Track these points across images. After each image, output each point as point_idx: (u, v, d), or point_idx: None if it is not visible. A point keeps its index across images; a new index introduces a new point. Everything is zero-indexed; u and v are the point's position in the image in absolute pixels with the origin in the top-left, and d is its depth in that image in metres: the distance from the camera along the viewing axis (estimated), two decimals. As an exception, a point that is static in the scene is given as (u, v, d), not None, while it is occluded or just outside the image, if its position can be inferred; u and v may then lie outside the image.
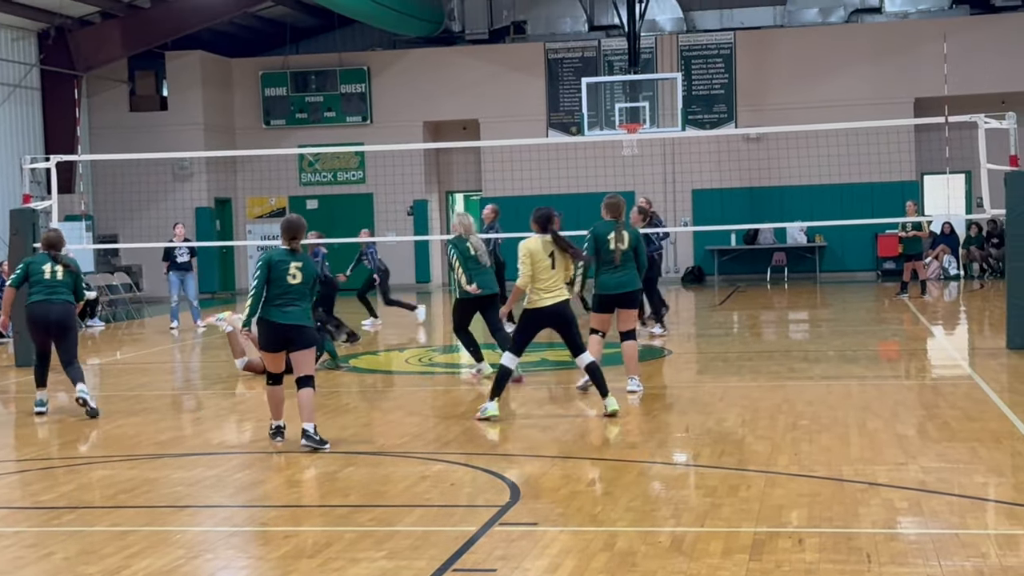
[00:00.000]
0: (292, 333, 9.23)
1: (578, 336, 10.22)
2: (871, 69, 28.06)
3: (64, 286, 11.27)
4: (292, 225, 9.34)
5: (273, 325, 9.22)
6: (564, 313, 10.08)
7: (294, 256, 9.29)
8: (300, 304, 9.26)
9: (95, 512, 7.48)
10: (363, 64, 30.04)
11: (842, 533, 6.43)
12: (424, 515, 7.15)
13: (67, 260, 11.45)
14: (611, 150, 26.99)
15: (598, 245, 11.24)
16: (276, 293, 9.20)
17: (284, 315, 9.20)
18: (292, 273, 9.22)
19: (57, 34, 26.69)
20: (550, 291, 10.05)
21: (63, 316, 11.22)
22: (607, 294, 11.26)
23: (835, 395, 11.32)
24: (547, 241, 10.12)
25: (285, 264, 9.22)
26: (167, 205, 28.15)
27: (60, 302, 11.22)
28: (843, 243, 28.42)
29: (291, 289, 9.21)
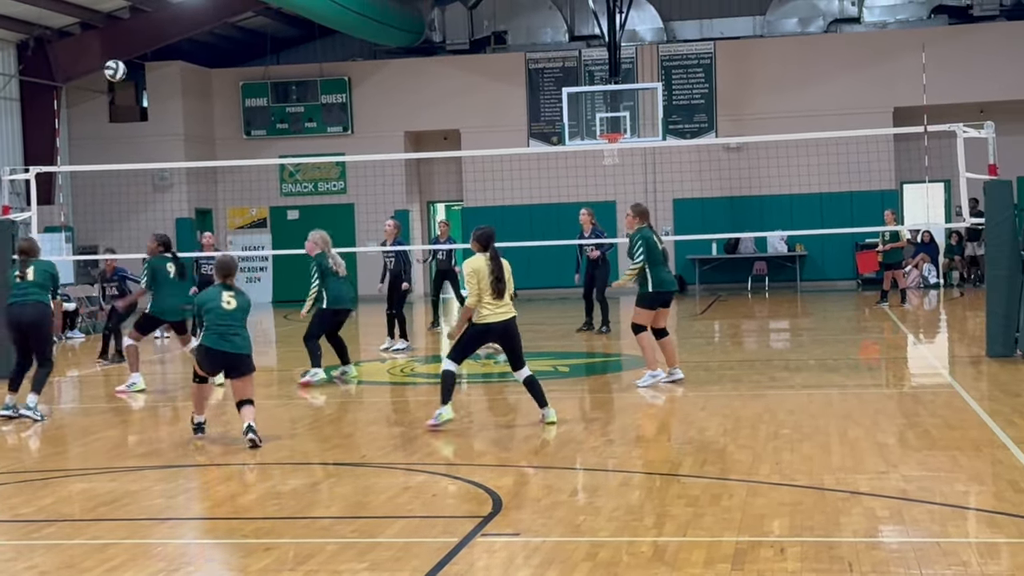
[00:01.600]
0: (233, 360, 9.95)
1: (520, 351, 10.37)
2: (850, 79, 28.18)
3: (36, 287, 11.50)
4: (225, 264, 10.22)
5: (213, 352, 9.94)
6: (510, 330, 10.26)
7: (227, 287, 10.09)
8: (241, 333, 9.98)
9: (75, 525, 7.43)
10: (344, 74, 30.03)
11: (824, 542, 6.44)
12: (406, 526, 7.13)
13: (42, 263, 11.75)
14: (592, 160, 27.03)
15: (649, 247, 12.23)
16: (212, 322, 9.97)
17: (227, 343, 9.92)
18: (226, 300, 9.96)
19: (36, 45, 26.60)
20: (499, 307, 10.18)
21: (36, 317, 11.46)
22: (665, 291, 12.43)
23: (816, 404, 11.34)
24: (491, 259, 10.23)
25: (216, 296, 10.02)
26: (147, 216, 28.04)
27: (32, 303, 11.47)
28: (823, 252, 28.51)
29: (228, 315, 9.94)
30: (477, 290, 10.16)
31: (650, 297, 12.53)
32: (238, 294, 10.07)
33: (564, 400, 12.13)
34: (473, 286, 10.18)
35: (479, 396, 13.17)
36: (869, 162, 26.63)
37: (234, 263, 10.34)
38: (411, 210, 30.28)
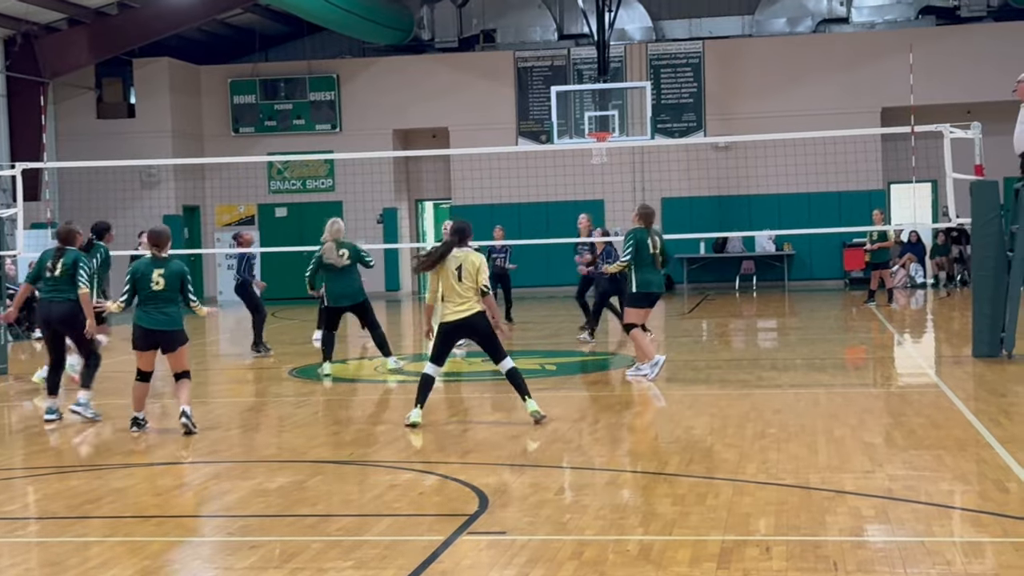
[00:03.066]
0: (159, 337, 10.21)
1: (497, 343, 10.34)
2: (838, 79, 28.24)
3: (63, 282, 11.05)
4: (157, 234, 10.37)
5: (141, 329, 10.20)
6: (475, 324, 10.22)
7: (157, 263, 10.20)
8: (167, 310, 10.19)
9: (59, 523, 7.41)
10: (332, 72, 29.99)
11: (809, 541, 6.45)
12: (392, 524, 7.12)
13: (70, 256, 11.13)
14: (580, 158, 27.04)
15: (639, 248, 12.70)
16: (143, 298, 10.17)
17: (151, 320, 10.16)
18: (155, 280, 10.10)
19: (23, 40, 26.51)
20: (460, 305, 10.14)
21: (65, 315, 11.07)
22: (649, 292, 12.81)
23: (803, 403, 11.36)
24: (458, 255, 10.16)
25: (148, 271, 10.15)
26: (135, 213, 27.97)
27: (62, 300, 11.07)
28: (811, 252, 28.58)
29: (157, 295, 10.12)
30: (435, 288, 10.22)
31: (635, 297, 12.98)
32: (168, 265, 10.23)
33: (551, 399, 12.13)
34: (432, 283, 10.26)
35: (466, 394, 13.17)
36: (857, 162, 26.69)
37: (167, 232, 10.50)
38: (399, 208, 30.27)
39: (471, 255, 10.20)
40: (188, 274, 10.40)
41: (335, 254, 14.13)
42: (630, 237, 12.90)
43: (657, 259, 12.90)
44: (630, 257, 12.85)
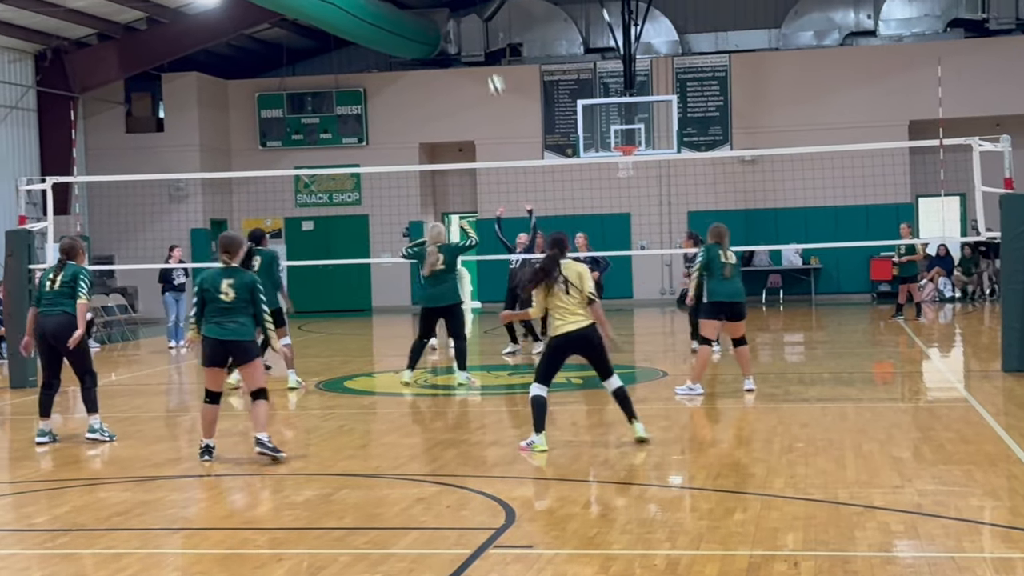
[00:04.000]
0: (231, 348, 9.52)
1: (607, 360, 9.94)
2: (866, 92, 28.15)
3: (62, 295, 10.78)
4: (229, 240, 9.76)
5: (211, 341, 9.55)
6: (590, 337, 9.77)
7: (226, 273, 9.63)
8: (238, 319, 9.54)
9: (89, 535, 7.45)
10: (359, 86, 30.10)
11: (838, 556, 6.41)
12: (419, 538, 7.13)
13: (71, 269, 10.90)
14: (607, 172, 27.02)
15: (708, 261, 12.91)
16: (211, 311, 9.57)
17: (222, 330, 9.52)
18: (224, 291, 9.53)
19: (54, 56, 26.73)
20: (572, 317, 9.75)
21: (59, 328, 10.74)
22: (720, 301, 12.80)
23: (830, 417, 11.31)
24: (564, 266, 9.81)
25: (217, 282, 9.57)
26: (163, 226, 28.13)
27: (58, 313, 10.76)
28: (838, 265, 28.46)
29: (226, 307, 9.53)
30: (541, 301, 9.78)
31: (707, 308, 13.01)
32: (238, 275, 9.61)
33: (578, 412, 12.13)
34: (538, 297, 9.79)
35: (494, 408, 13.17)
36: (884, 175, 26.55)
37: (239, 240, 9.89)
38: (425, 222, 30.31)
39: (572, 265, 9.85)
40: (260, 287, 9.69)
41: (437, 259, 14.11)
42: (702, 251, 13.20)
43: (729, 270, 12.93)
44: (696, 272, 13.19)
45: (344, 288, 29.57)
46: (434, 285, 14.26)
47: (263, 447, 9.50)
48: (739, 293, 13.06)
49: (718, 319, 12.94)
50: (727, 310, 12.95)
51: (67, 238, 11.54)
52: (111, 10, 25.69)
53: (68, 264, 10.98)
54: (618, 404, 10.05)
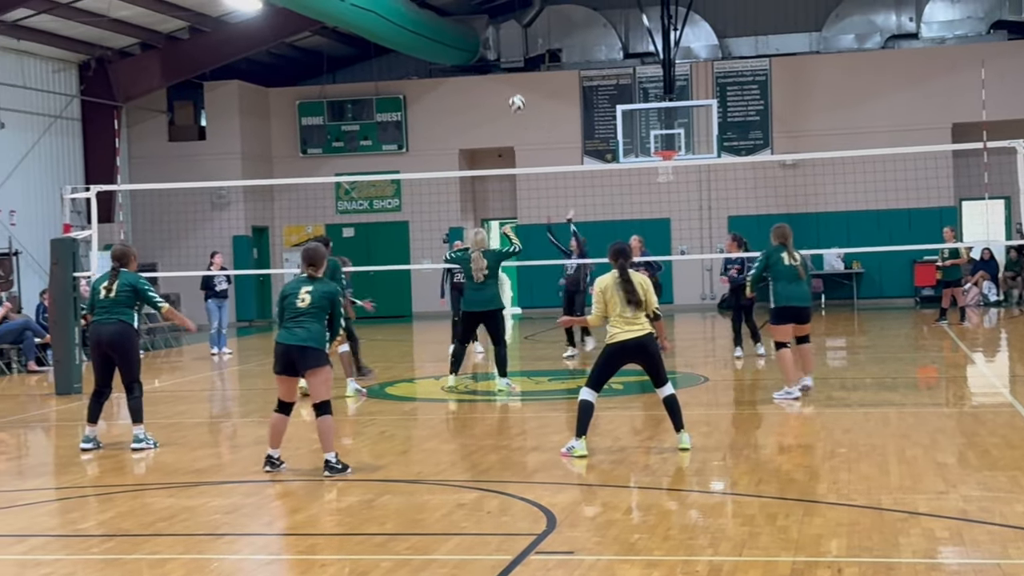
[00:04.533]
0: (296, 353, 9.34)
1: (662, 368, 9.87)
2: (908, 95, 27.95)
3: (117, 304, 10.80)
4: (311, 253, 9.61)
5: (280, 347, 9.39)
6: (647, 345, 9.72)
7: (307, 281, 9.49)
8: (309, 326, 9.35)
9: (133, 540, 7.51)
10: (399, 93, 30.21)
11: (882, 563, 6.37)
12: (460, 544, 7.14)
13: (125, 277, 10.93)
14: (646, 177, 26.96)
15: (771, 264, 12.86)
16: (286, 317, 9.42)
17: (290, 335, 9.34)
18: (301, 297, 9.39)
19: (98, 65, 27.00)
20: (626, 326, 9.69)
21: (115, 336, 10.78)
22: (788, 306, 12.81)
23: (873, 423, 11.23)
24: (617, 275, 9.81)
25: (296, 289, 9.46)
26: (205, 234, 28.34)
27: (114, 322, 10.79)
28: (881, 269, 28.25)
29: (301, 312, 9.36)
30: (603, 308, 9.73)
31: (776, 312, 12.93)
32: (318, 284, 9.47)
33: (618, 418, 12.11)
34: (599, 304, 9.75)
35: (535, 413, 13.17)
36: (927, 179, 26.34)
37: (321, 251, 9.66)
38: (465, 228, 30.36)
39: (636, 276, 9.81)
40: (340, 298, 9.55)
41: (481, 264, 14.17)
42: (762, 254, 13.12)
43: (798, 272, 12.85)
44: (753, 274, 13.15)
45: (385, 294, 29.60)
46: (477, 290, 14.27)
47: (330, 469, 9.30)
48: (807, 297, 13.07)
49: (788, 323, 12.89)
50: (796, 314, 12.92)
51: (119, 245, 11.62)
52: (154, 20, 25.93)
53: (122, 272, 11.02)
54: (667, 412, 10.00)
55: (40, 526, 8.23)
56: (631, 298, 9.62)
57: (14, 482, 10.02)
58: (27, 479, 10.28)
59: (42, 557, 7.11)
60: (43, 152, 25.97)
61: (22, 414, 14.18)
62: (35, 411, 14.50)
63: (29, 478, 10.34)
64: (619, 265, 9.79)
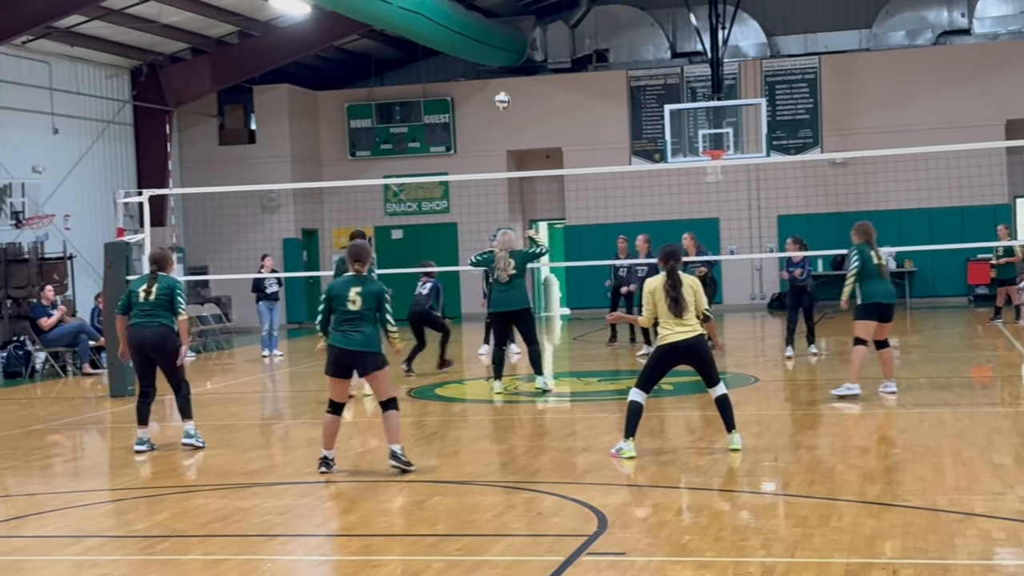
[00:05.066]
0: (354, 359, 9.37)
1: (713, 368, 9.86)
2: (960, 91, 27.64)
3: (157, 307, 10.94)
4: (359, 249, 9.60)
5: (335, 350, 9.39)
6: (697, 346, 9.71)
7: (356, 281, 9.47)
8: (363, 329, 9.37)
9: (188, 541, 7.58)
10: (447, 95, 30.28)
11: (938, 564, 6.30)
12: (511, 544, 7.14)
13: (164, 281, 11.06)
14: (695, 177, 26.86)
15: (864, 261, 12.79)
16: (338, 319, 9.40)
17: (346, 340, 9.35)
18: (351, 299, 9.38)
19: (149, 71, 27.28)
20: (677, 327, 9.67)
21: (157, 339, 10.93)
22: (876, 303, 12.76)
23: (928, 423, 11.12)
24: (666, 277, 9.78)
25: (345, 290, 9.42)
26: (256, 237, 28.55)
27: (155, 325, 10.92)
28: (933, 268, 27.96)
29: (353, 315, 9.36)
30: (652, 310, 9.76)
31: (862, 309, 12.87)
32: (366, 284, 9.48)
33: (669, 418, 12.07)
34: (649, 306, 9.79)
35: (584, 414, 13.16)
36: (981, 176, 26.04)
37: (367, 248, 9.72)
38: (513, 228, 30.37)
39: (687, 279, 9.81)
40: (387, 295, 9.58)
41: (508, 264, 14.19)
42: (854, 252, 13.02)
43: (883, 270, 12.92)
44: (853, 274, 12.95)
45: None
46: (504, 291, 14.25)
47: (396, 460, 9.38)
48: (893, 294, 13.06)
49: (874, 320, 12.85)
50: (883, 311, 12.88)
51: (157, 249, 11.76)
52: (204, 25, 26.16)
53: (160, 275, 11.13)
54: (719, 412, 9.96)
55: (96, 527, 8.33)
56: (676, 302, 9.61)
57: (70, 483, 10.15)
58: (83, 480, 10.40)
59: (98, 558, 7.20)
60: (96, 157, 26.27)
61: (77, 416, 14.35)
62: (90, 413, 14.67)
63: (85, 479, 10.47)
64: (668, 267, 9.77)
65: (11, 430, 13.09)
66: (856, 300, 12.94)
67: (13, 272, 22.21)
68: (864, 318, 12.87)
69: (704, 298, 9.91)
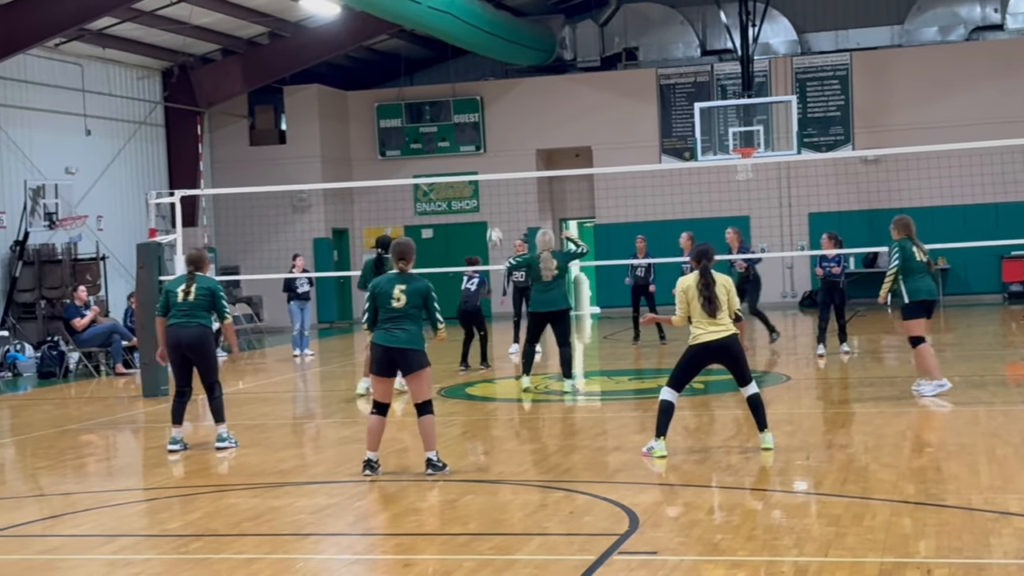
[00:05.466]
0: (397, 356, 9.32)
1: (745, 367, 9.82)
2: (993, 87, 27.42)
3: (196, 307, 11.00)
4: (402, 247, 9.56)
5: (379, 348, 9.34)
6: (730, 346, 9.68)
7: (400, 279, 9.42)
8: (407, 327, 9.32)
9: (221, 540, 7.61)
10: (476, 94, 30.30)
11: (972, 564, 6.25)
12: (543, 544, 7.13)
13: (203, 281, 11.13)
14: (725, 175, 26.76)
15: (905, 257, 12.64)
16: (382, 317, 9.37)
17: (390, 338, 9.30)
18: (396, 296, 9.33)
19: (180, 72, 27.43)
20: (709, 327, 9.66)
21: (195, 339, 11.00)
22: (921, 300, 12.63)
23: (962, 421, 11.03)
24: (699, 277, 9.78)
25: (390, 288, 9.37)
26: (286, 237, 28.66)
27: (194, 325, 10.99)
28: (967, 265, 27.75)
29: (397, 312, 9.31)
30: (685, 309, 9.76)
31: (910, 308, 12.75)
32: (411, 282, 9.42)
33: (700, 417, 12.04)
34: (681, 304, 9.78)
35: (615, 413, 13.13)
36: (1015, 172, 25.84)
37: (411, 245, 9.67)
38: (543, 227, 30.35)
39: (719, 278, 9.79)
40: (433, 292, 9.48)
41: (551, 264, 14.21)
42: (895, 247, 12.84)
43: (930, 265, 12.87)
44: (896, 267, 12.76)
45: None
46: (546, 290, 14.25)
47: (432, 467, 9.35)
48: (935, 290, 13.02)
49: (923, 316, 12.80)
50: (928, 308, 12.83)
51: (194, 250, 11.82)
52: (235, 26, 26.28)
53: (198, 276, 11.19)
54: (751, 411, 9.91)
55: (129, 526, 8.38)
56: (710, 301, 9.58)
57: (104, 483, 10.22)
58: (116, 480, 10.47)
59: (132, 557, 7.24)
60: (128, 158, 26.44)
61: (110, 416, 14.44)
62: (123, 413, 14.76)
63: (118, 479, 10.54)
64: (702, 267, 9.75)
65: (45, 430, 13.19)
66: (903, 298, 12.79)
67: (47, 273, 22.40)
68: (914, 316, 12.74)
69: (736, 298, 9.88)
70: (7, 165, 22.75)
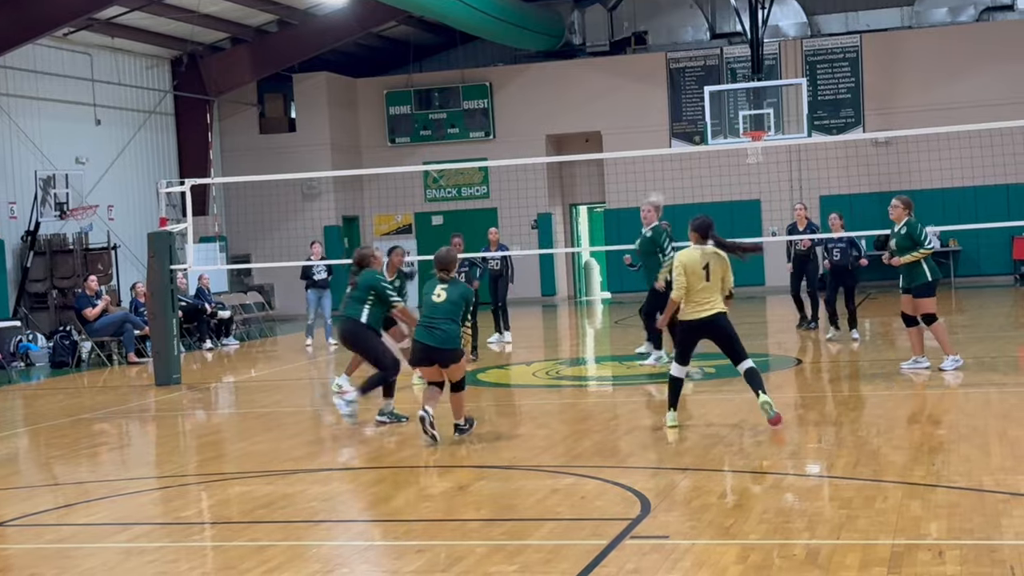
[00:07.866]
0: (435, 354, 10.02)
1: (737, 344, 9.99)
2: (1004, 68, 27.32)
3: (353, 300, 11.44)
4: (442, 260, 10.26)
5: (418, 344, 10.10)
6: (717, 323, 9.88)
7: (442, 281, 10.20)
8: (445, 327, 10.01)
9: (234, 527, 7.65)
10: (485, 80, 30.27)
11: (984, 545, 6.25)
12: (555, 528, 7.15)
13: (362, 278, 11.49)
14: (736, 158, 26.73)
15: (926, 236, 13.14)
16: (424, 313, 10.16)
17: (430, 336, 10.01)
18: (437, 293, 10.08)
19: (189, 61, 27.46)
20: (703, 304, 9.85)
21: (346, 332, 11.51)
22: (937, 279, 13.07)
23: (973, 403, 11.02)
24: (705, 252, 9.92)
25: (432, 287, 10.18)
26: (297, 224, 28.70)
27: (346, 318, 11.47)
28: (978, 247, 27.68)
29: (436, 308, 10.02)
30: (684, 284, 9.85)
31: (928, 286, 13.01)
32: (452, 285, 10.21)
33: (712, 401, 12.04)
34: (681, 279, 9.86)
35: (626, 398, 13.14)
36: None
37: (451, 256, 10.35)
38: (553, 213, 30.35)
39: (719, 254, 9.94)
40: (471, 299, 10.40)
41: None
42: (920, 225, 13.28)
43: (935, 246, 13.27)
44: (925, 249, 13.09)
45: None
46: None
47: (459, 430, 10.29)
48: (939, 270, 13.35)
49: (935, 296, 13.05)
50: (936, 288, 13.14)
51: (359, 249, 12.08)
52: (243, 14, 26.28)
53: (364, 272, 11.56)
54: (748, 382, 10.06)
55: (143, 514, 8.42)
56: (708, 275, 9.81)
57: (117, 471, 10.27)
58: (130, 468, 10.52)
59: (146, 544, 7.27)
60: (138, 147, 26.49)
61: (123, 405, 14.50)
62: (136, 402, 14.81)
63: (132, 467, 10.59)
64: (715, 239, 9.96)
65: (59, 419, 13.25)
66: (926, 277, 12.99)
67: (58, 263, 22.49)
68: (930, 295, 12.99)
69: (732, 277, 10.02)
70: (17, 155, 22.81)
